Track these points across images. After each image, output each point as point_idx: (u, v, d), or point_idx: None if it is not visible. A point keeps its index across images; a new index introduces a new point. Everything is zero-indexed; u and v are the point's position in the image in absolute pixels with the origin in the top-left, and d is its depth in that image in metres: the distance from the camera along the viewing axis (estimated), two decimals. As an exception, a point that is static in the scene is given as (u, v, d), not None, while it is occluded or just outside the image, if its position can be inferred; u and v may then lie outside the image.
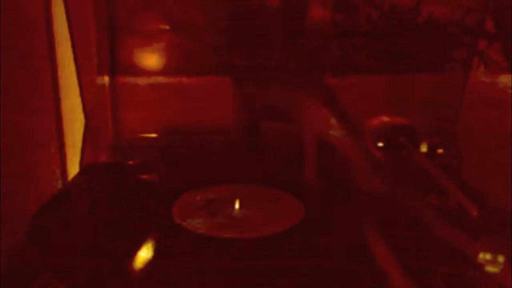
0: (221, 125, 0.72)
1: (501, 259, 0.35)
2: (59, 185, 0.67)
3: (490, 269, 0.35)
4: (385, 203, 0.50)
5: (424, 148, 0.49)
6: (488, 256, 0.35)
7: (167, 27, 0.71)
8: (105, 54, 0.71)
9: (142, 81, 0.73)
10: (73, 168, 0.69)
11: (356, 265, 0.41)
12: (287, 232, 0.46)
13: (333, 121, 0.59)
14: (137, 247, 0.45)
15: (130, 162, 0.65)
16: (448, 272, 0.39)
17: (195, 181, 0.57)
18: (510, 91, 0.66)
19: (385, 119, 0.57)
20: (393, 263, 0.41)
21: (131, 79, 0.73)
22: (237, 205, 0.49)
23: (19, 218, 0.53)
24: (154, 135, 0.72)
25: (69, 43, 0.69)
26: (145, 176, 0.63)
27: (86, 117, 0.69)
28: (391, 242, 0.43)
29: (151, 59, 0.72)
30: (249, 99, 0.71)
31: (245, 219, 0.48)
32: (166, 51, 0.73)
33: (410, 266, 0.40)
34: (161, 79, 0.73)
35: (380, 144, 0.55)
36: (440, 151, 0.48)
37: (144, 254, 0.44)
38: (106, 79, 0.72)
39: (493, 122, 0.64)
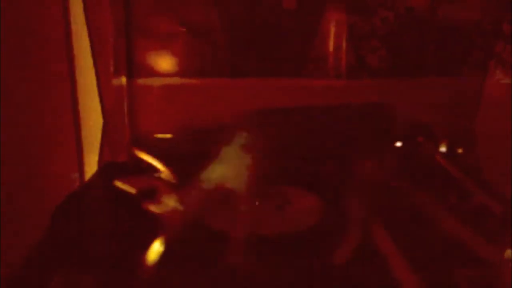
0: (234, 125, 0.72)
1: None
2: (77, 184, 0.68)
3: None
4: (398, 202, 0.50)
5: (443, 148, 0.48)
6: (515, 253, 0.35)
7: (182, 29, 0.71)
8: (122, 56, 0.72)
9: (158, 82, 0.73)
10: (91, 168, 0.69)
11: (366, 264, 0.41)
12: (301, 231, 0.46)
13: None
14: (154, 244, 0.45)
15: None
16: (468, 272, 0.38)
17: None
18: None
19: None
20: (402, 262, 0.40)
21: (148, 81, 0.73)
22: (257, 203, 0.49)
23: (37, 216, 0.53)
24: (169, 135, 0.73)
25: (87, 45, 0.70)
26: (161, 175, 0.64)
27: (104, 117, 0.70)
28: (404, 241, 0.43)
29: (167, 61, 0.73)
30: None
31: (261, 217, 0.48)
32: (182, 53, 0.73)
33: (430, 265, 0.39)
34: (177, 81, 0.73)
35: (399, 144, 0.54)
36: (460, 150, 0.48)
37: (161, 251, 0.45)
38: (124, 80, 0.72)
39: (511, 123, 0.63)
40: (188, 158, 0.68)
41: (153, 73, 0.73)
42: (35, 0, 0.66)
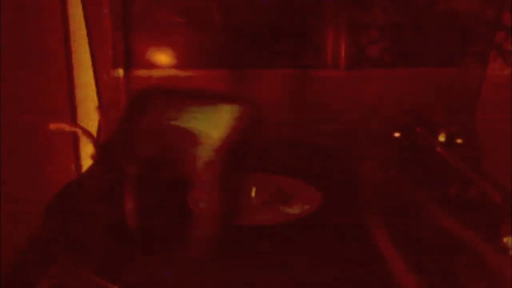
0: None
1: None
2: (74, 176, 0.68)
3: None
4: (392, 196, 0.50)
5: (442, 138, 0.48)
6: (512, 241, 0.34)
7: (181, 21, 0.71)
8: (120, 48, 0.71)
9: (156, 74, 0.73)
10: (87, 160, 0.69)
11: (363, 258, 0.41)
12: (299, 221, 0.46)
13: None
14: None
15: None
16: (465, 267, 0.38)
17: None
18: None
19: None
20: (400, 259, 0.40)
21: (146, 72, 0.73)
22: (253, 193, 0.49)
23: (33, 209, 0.53)
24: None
25: (85, 37, 0.69)
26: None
27: (101, 109, 0.70)
28: (400, 235, 0.43)
29: (165, 53, 0.73)
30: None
31: (259, 207, 0.48)
32: (180, 44, 0.73)
33: (426, 261, 0.39)
34: (175, 72, 0.73)
35: (397, 134, 0.54)
36: (459, 140, 0.48)
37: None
38: (121, 72, 0.72)
39: (511, 114, 0.63)
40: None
41: (151, 65, 0.73)
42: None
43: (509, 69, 0.68)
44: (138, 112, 0.54)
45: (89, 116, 0.71)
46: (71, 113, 0.71)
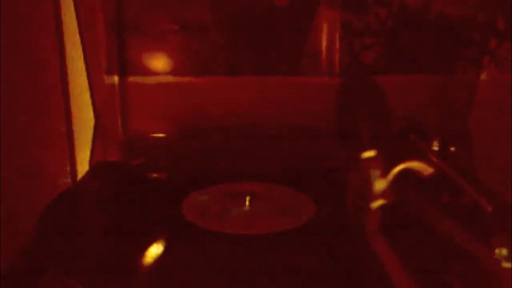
0: (229, 123, 0.72)
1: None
2: (69, 183, 0.68)
3: (506, 265, 0.34)
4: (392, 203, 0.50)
5: (435, 146, 0.48)
6: (504, 252, 0.34)
7: (176, 27, 0.71)
8: (114, 54, 0.71)
9: (151, 80, 0.73)
10: (82, 167, 0.69)
11: (361, 265, 0.41)
12: (296, 229, 0.46)
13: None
14: (146, 244, 0.45)
15: (139, 161, 0.66)
16: (462, 271, 0.38)
17: (203, 180, 0.57)
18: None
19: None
20: (397, 263, 0.40)
21: (140, 79, 0.73)
22: (247, 202, 0.49)
23: (28, 215, 0.53)
24: (162, 134, 0.72)
25: (78, 44, 0.69)
26: (153, 175, 0.64)
27: (95, 116, 0.70)
28: (399, 242, 0.43)
29: (160, 59, 0.73)
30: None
31: (255, 216, 0.48)
32: (175, 51, 0.73)
33: (423, 266, 0.39)
34: (170, 79, 0.73)
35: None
36: (452, 148, 0.48)
37: (153, 251, 0.44)
38: (116, 79, 0.72)
39: (505, 120, 0.63)
40: (182, 157, 0.68)
41: (146, 71, 0.73)
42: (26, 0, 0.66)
43: (503, 75, 0.69)
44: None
45: (85, 123, 0.71)
46: (66, 120, 0.70)
